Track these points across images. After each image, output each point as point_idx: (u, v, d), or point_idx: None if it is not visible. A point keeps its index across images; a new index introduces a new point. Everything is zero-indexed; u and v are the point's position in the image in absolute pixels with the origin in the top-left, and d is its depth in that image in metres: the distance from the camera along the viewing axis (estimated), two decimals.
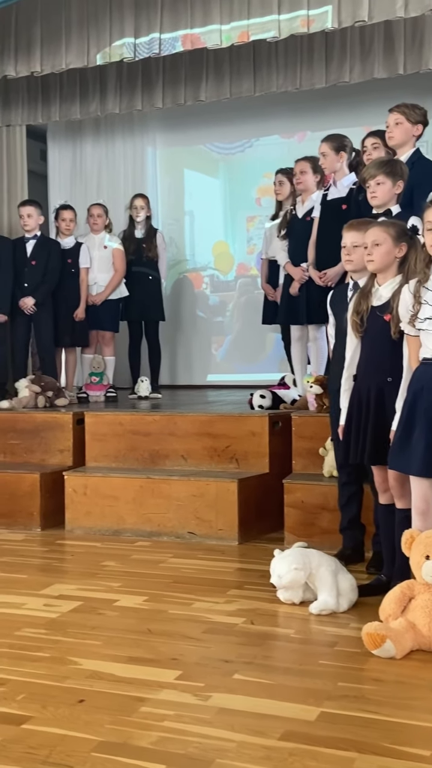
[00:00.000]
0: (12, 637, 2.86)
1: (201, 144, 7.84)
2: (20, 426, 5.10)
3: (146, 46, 5.70)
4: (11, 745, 2.08)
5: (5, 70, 6.14)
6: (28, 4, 5.63)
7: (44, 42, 5.98)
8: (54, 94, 6.94)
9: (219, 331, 7.87)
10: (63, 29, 5.91)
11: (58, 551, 4.16)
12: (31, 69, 6.07)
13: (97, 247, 6.25)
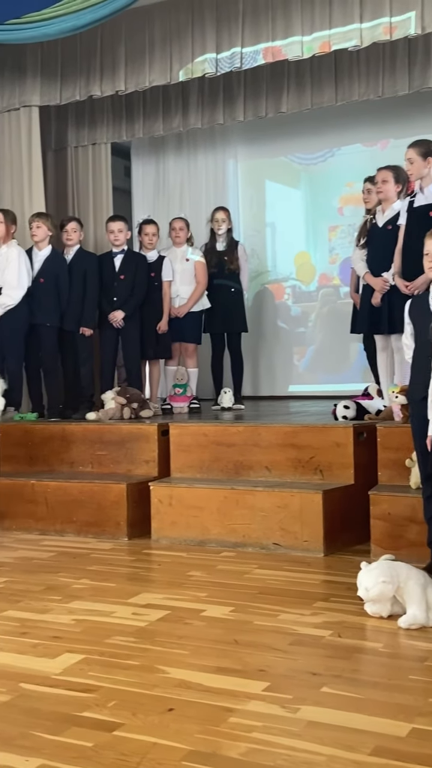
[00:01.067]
0: (102, 644, 2.92)
1: (282, 155, 7.86)
2: (107, 437, 5.20)
3: (228, 61, 5.76)
4: (104, 751, 2.12)
5: (91, 90, 6.31)
6: (112, 24, 5.77)
7: (128, 61, 6.13)
8: (137, 112, 7.07)
9: (301, 342, 7.85)
10: (146, 47, 6.04)
11: (144, 561, 4.21)
12: (115, 88, 6.22)
13: (179, 260, 6.34)
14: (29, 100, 6.54)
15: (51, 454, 5.32)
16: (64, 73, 6.41)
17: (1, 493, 5.05)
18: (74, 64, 6.35)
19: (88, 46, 6.24)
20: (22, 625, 3.17)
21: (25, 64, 6.49)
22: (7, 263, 5.71)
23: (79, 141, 7.35)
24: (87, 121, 7.25)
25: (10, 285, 5.70)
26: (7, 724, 2.29)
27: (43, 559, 4.27)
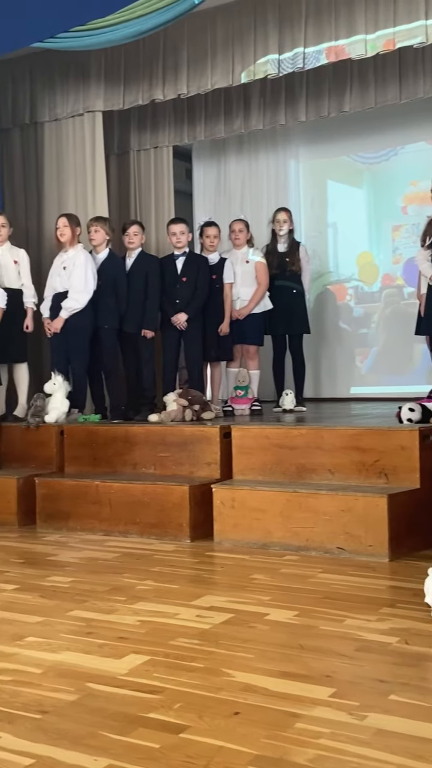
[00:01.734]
0: (167, 646, 2.93)
1: (344, 155, 7.81)
2: (169, 439, 5.23)
3: (290, 61, 5.75)
4: (170, 753, 2.13)
5: (154, 94, 6.37)
6: (175, 28, 5.81)
7: (190, 64, 6.17)
8: (199, 114, 7.12)
9: (363, 343, 7.78)
10: (209, 50, 6.07)
11: (207, 563, 4.22)
12: (178, 91, 6.27)
13: (240, 262, 6.34)
14: (93, 105, 6.64)
15: (114, 456, 5.38)
16: (127, 78, 6.49)
17: (66, 494, 5.13)
18: (137, 68, 6.42)
19: (150, 50, 6.30)
20: (87, 624, 3.20)
21: (89, 70, 6.59)
22: (74, 267, 5.81)
23: (141, 145, 7.44)
24: (149, 124, 7.33)
25: (77, 289, 5.79)
26: (76, 723, 2.32)
27: (107, 559, 4.32)
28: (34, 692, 2.55)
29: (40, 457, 5.64)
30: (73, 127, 6.79)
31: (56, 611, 3.39)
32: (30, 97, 6.94)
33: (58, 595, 3.65)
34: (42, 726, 2.31)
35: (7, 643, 3.01)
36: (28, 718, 2.36)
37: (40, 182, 7.03)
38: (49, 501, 5.19)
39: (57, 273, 5.93)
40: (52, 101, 6.84)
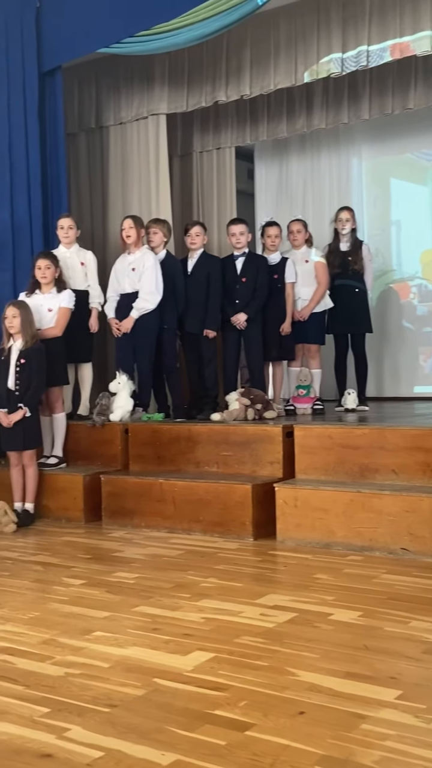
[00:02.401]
0: (232, 644, 2.94)
1: (408, 152, 7.71)
2: (232, 438, 5.24)
3: (354, 60, 5.70)
4: (237, 750, 2.14)
5: (217, 96, 6.39)
6: (238, 30, 5.81)
7: (253, 65, 6.16)
8: (261, 115, 7.11)
9: (427, 342, 7.67)
10: (272, 50, 6.06)
11: (270, 561, 4.22)
12: (240, 92, 6.28)
13: (299, 261, 6.30)
14: (157, 108, 6.69)
15: (178, 454, 5.42)
16: (190, 81, 6.52)
17: (131, 492, 5.19)
18: (200, 70, 6.45)
19: (214, 52, 6.32)
20: (153, 621, 3.24)
21: (153, 73, 6.65)
22: (143, 269, 5.86)
23: (204, 146, 7.47)
24: (212, 126, 7.35)
25: (148, 290, 5.85)
26: (143, 717, 2.35)
27: (171, 556, 4.36)
28: (103, 686, 2.60)
29: (105, 455, 5.71)
30: (138, 130, 6.86)
31: (122, 606, 3.44)
32: (96, 102, 7.04)
33: (124, 590, 3.70)
34: (111, 719, 2.35)
35: (76, 637, 3.07)
36: (97, 711, 2.41)
37: (105, 185, 7.12)
38: (114, 498, 5.26)
39: (125, 274, 5.98)
40: (117, 105, 6.93)
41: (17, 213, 6.25)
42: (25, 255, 6.18)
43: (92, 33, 5.84)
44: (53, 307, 5.60)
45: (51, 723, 2.33)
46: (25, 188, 6.20)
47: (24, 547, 4.73)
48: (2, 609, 3.47)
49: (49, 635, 3.10)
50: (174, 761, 2.09)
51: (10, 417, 5.21)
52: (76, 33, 5.94)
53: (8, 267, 6.30)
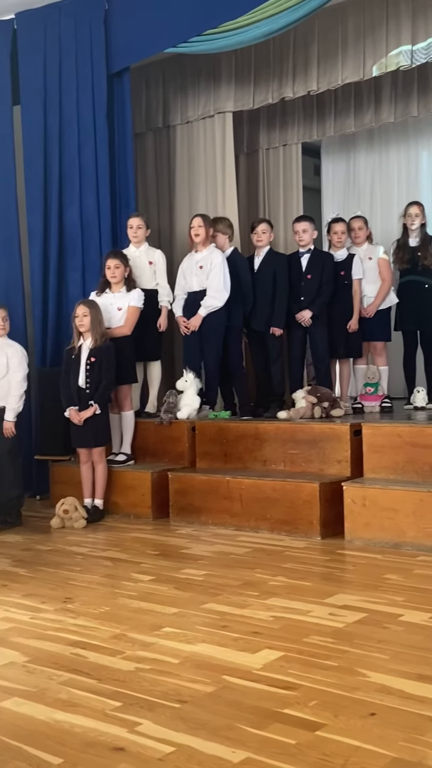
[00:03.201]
0: (301, 643, 2.94)
1: None
2: (299, 436, 5.22)
3: (423, 52, 5.60)
4: (307, 750, 2.13)
5: (283, 92, 6.36)
6: (305, 25, 5.77)
7: (321, 60, 6.11)
8: (328, 110, 7.05)
9: None
10: (339, 45, 5.99)
11: (339, 561, 4.19)
12: (308, 88, 6.23)
13: (363, 259, 6.23)
14: (223, 106, 6.70)
15: (244, 452, 5.43)
16: (257, 78, 6.51)
17: (198, 489, 5.22)
18: (267, 67, 6.43)
19: (280, 48, 6.29)
20: (222, 618, 3.25)
21: (219, 71, 6.66)
22: (211, 267, 5.88)
23: (270, 143, 7.44)
24: (278, 122, 7.33)
25: (216, 287, 5.86)
26: (213, 714, 2.37)
27: (239, 554, 4.37)
28: (173, 682, 2.62)
29: (172, 452, 5.76)
30: (204, 128, 6.88)
31: (191, 603, 3.47)
32: (162, 102, 7.08)
33: (192, 587, 3.73)
34: (181, 715, 2.37)
35: (146, 633, 3.11)
36: (168, 706, 2.43)
37: (172, 184, 7.16)
38: (182, 495, 5.30)
39: (193, 272, 6.01)
40: (183, 104, 6.96)
41: (86, 213, 6.34)
42: (94, 255, 6.27)
43: (159, 33, 5.87)
44: (123, 306, 5.67)
45: (123, 717, 2.37)
46: (94, 188, 6.28)
47: (94, 542, 4.80)
48: (74, 603, 3.54)
49: (120, 630, 3.15)
50: (245, 759, 2.09)
51: (81, 414, 5.29)
52: (143, 34, 5.98)
53: (78, 267, 6.39)
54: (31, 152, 6.46)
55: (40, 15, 6.38)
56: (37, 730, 2.31)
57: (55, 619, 3.32)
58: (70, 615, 3.36)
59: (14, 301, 6.42)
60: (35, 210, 6.47)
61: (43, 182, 6.44)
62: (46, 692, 2.57)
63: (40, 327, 6.44)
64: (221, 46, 5.64)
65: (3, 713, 2.44)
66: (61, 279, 6.46)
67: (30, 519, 5.54)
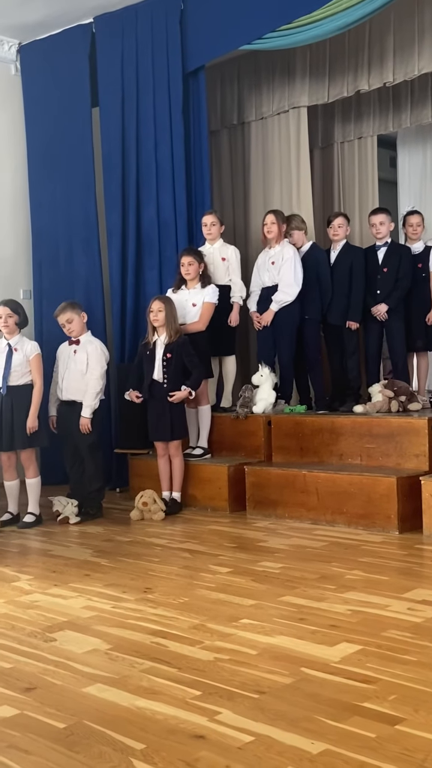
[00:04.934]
0: (379, 637, 2.91)
1: None
2: (375, 430, 5.16)
3: None
4: (387, 744, 2.11)
5: (359, 85, 6.27)
6: (380, 16, 5.67)
7: (396, 51, 6.00)
8: (405, 101, 6.93)
9: None
10: (416, 35, 5.87)
11: (417, 556, 4.12)
12: (383, 80, 6.13)
13: None
14: (298, 101, 6.65)
15: (320, 446, 5.40)
16: (331, 72, 6.43)
17: (274, 482, 5.22)
18: (342, 61, 6.35)
19: (355, 41, 6.20)
20: (299, 611, 3.25)
21: (294, 66, 6.61)
22: (282, 262, 5.87)
23: (345, 136, 7.36)
24: (353, 115, 7.24)
25: (287, 282, 5.85)
26: (292, 706, 2.37)
27: (315, 548, 4.35)
28: (251, 672, 2.64)
29: (248, 446, 5.77)
30: (278, 123, 6.85)
31: (268, 595, 3.47)
32: (237, 99, 7.08)
33: (269, 579, 3.73)
34: (260, 705, 2.38)
35: (224, 624, 3.13)
36: (247, 697, 2.45)
37: (247, 180, 7.15)
38: (258, 488, 5.31)
39: (266, 268, 6.01)
40: (258, 100, 6.94)
41: (163, 211, 6.39)
42: (171, 252, 6.31)
43: (234, 31, 5.86)
44: (197, 302, 5.71)
45: (203, 705, 2.39)
46: (170, 187, 6.33)
47: (172, 534, 4.86)
48: (153, 593, 3.58)
49: (199, 620, 3.17)
50: (324, 750, 2.09)
51: (176, 395, 5.32)
52: (218, 32, 5.99)
53: (155, 264, 6.46)
54: (109, 153, 6.55)
55: (117, 17, 6.46)
56: (120, 716, 2.36)
57: (136, 608, 3.38)
58: (150, 605, 3.41)
59: (94, 298, 6.54)
60: (114, 209, 6.56)
61: (121, 182, 6.52)
62: (128, 679, 2.62)
63: (119, 324, 6.54)
64: (296, 41, 5.60)
65: (87, 699, 2.49)
66: (138, 277, 6.54)
67: (110, 511, 5.63)
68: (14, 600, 3.57)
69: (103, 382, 5.45)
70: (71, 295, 6.20)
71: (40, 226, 6.95)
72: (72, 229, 6.77)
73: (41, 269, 6.94)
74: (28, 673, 2.71)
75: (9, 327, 5.23)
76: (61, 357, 5.51)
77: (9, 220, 7.00)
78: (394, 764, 2.01)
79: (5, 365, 5.19)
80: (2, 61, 7.02)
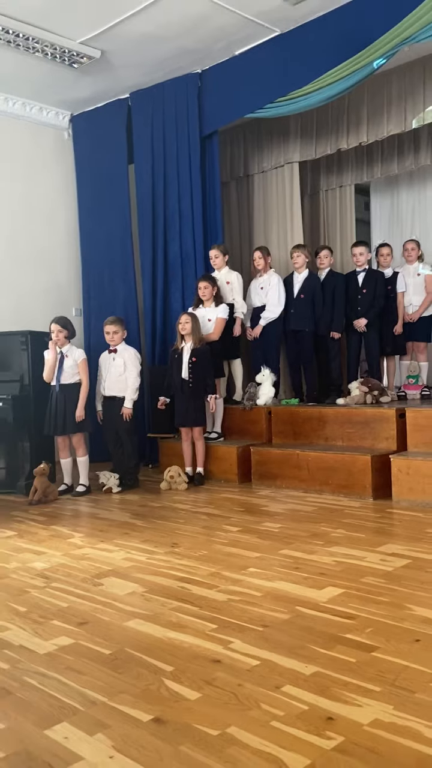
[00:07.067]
0: (358, 582, 2.89)
1: None
2: (354, 419, 5.14)
3: None
4: (365, 667, 2.11)
5: (339, 144, 6.23)
6: (358, 89, 5.63)
7: (369, 116, 5.96)
8: (376, 157, 6.87)
9: None
10: (384, 104, 5.84)
11: (387, 518, 4.10)
12: (359, 140, 6.09)
13: (411, 274, 6.08)
14: (291, 157, 6.62)
15: (310, 431, 5.37)
16: (318, 133, 6.40)
17: (274, 460, 5.20)
18: (326, 125, 6.31)
19: (337, 109, 6.17)
20: (294, 561, 3.24)
21: (288, 129, 6.58)
22: (269, 287, 5.93)
23: (329, 185, 7.31)
24: (335, 168, 7.19)
25: (273, 303, 5.91)
26: (289, 637, 2.36)
27: (307, 512, 4.33)
28: (257, 610, 2.63)
29: (253, 431, 5.75)
30: (276, 176, 6.81)
31: (270, 549, 3.46)
32: (243, 156, 7.06)
33: (270, 537, 3.72)
34: (264, 636, 2.37)
35: (235, 572, 3.12)
36: (253, 629, 2.44)
37: (251, 221, 7.13)
38: (261, 465, 5.29)
39: (256, 292, 6.08)
40: (260, 157, 6.91)
41: (185, 247, 6.38)
42: (191, 279, 6.30)
43: (241, 103, 5.84)
44: (212, 318, 5.70)
45: (219, 636, 2.39)
46: (190, 227, 6.32)
47: (194, 501, 4.85)
48: (179, 548, 3.58)
49: (215, 569, 3.17)
50: (315, 672, 2.08)
51: (211, 403, 5.34)
52: (228, 104, 5.96)
53: (178, 288, 6.45)
54: (142, 201, 6.55)
55: (148, 93, 6.45)
56: (154, 644, 2.36)
57: (165, 560, 3.38)
58: (177, 557, 3.41)
59: (131, 315, 6.54)
60: (146, 245, 6.55)
61: (152, 224, 6.51)
62: (160, 616, 2.62)
63: (150, 335, 6.53)
64: (290, 110, 5.57)
65: (127, 631, 2.50)
66: (165, 298, 6.53)
67: (144, 482, 5.64)
68: (69, 553, 3.58)
69: (139, 380, 5.46)
70: (113, 313, 6.19)
71: (88, 259, 6.95)
72: (113, 261, 6.77)
73: (89, 292, 6.95)
74: (81, 611, 2.72)
75: (60, 340, 5.25)
76: (103, 363, 5.53)
77: (64, 254, 7.01)
78: (371, 683, 2.00)
79: (58, 368, 5.21)
80: (58, 128, 7.03)
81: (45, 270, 6.85)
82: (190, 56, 5.85)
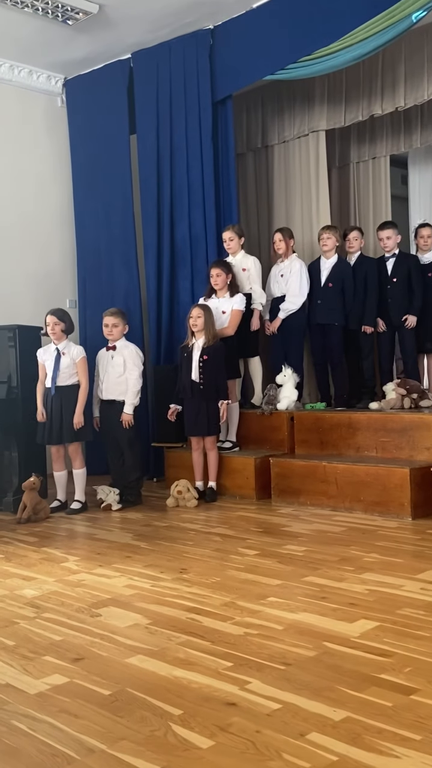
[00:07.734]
0: (394, 614, 2.89)
1: None
2: (389, 425, 5.12)
3: None
4: (402, 712, 2.10)
5: (373, 110, 6.23)
6: (393, 46, 5.62)
7: (407, 78, 5.95)
8: (415, 124, 6.85)
9: None
10: (425, 63, 5.82)
11: (429, 540, 4.08)
12: (395, 105, 6.08)
13: None
14: (317, 125, 6.63)
15: (339, 440, 5.37)
16: (348, 98, 6.40)
17: (297, 473, 5.20)
18: (357, 88, 6.31)
19: (370, 70, 6.17)
20: (321, 590, 3.24)
21: (313, 93, 6.59)
22: (290, 274, 5.92)
23: (360, 157, 7.30)
24: (368, 137, 7.18)
25: (293, 293, 5.93)
26: (315, 676, 2.36)
27: (335, 532, 4.33)
28: (278, 646, 2.63)
29: (273, 439, 5.76)
30: (299, 146, 6.82)
31: (293, 576, 3.46)
32: (261, 124, 7.07)
33: (293, 561, 3.72)
34: (286, 676, 2.37)
35: (253, 601, 3.12)
36: (274, 668, 2.44)
37: (270, 199, 7.14)
38: (282, 478, 5.30)
39: (275, 280, 6.08)
40: (280, 125, 6.92)
41: (194, 228, 6.40)
42: (202, 265, 6.32)
43: (258, 63, 5.85)
44: (227, 310, 5.70)
45: (234, 675, 2.40)
46: (201, 206, 6.33)
47: (204, 520, 4.86)
48: (188, 573, 3.59)
49: (229, 598, 3.18)
50: (345, 717, 2.08)
51: (222, 410, 5.34)
52: (244, 64, 5.98)
53: (187, 275, 6.46)
54: (146, 176, 6.57)
55: (152, 53, 6.48)
56: (159, 684, 2.36)
57: (173, 587, 3.39)
58: (186, 584, 3.42)
59: (132, 307, 6.57)
60: (150, 227, 6.58)
61: (157, 202, 6.54)
62: (166, 651, 2.63)
63: (155, 330, 6.56)
64: (315, 71, 5.57)
65: (129, 668, 2.51)
66: (172, 287, 6.55)
67: (148, 498, 5.66)
68: (63, 579, 3.60)
69: (141, 382, 5.48)
70: (112, 304, 6.21)
71: (84, 242, 7.00)
72: (112, 244, 6.80)
73: (85, 281, 6.99)
74: (76, 645, 2.73)
75: (56, 334, 5.28)
76: (101, 362, 5.54)
77: (56, 237, 7.06)
78: (408, 731, 1.99)
79: (54, 368, 5.24)
80: (50, 94, 7.08)
81: (35, 255, 6.90)
82: (201, 9, 5.87)
